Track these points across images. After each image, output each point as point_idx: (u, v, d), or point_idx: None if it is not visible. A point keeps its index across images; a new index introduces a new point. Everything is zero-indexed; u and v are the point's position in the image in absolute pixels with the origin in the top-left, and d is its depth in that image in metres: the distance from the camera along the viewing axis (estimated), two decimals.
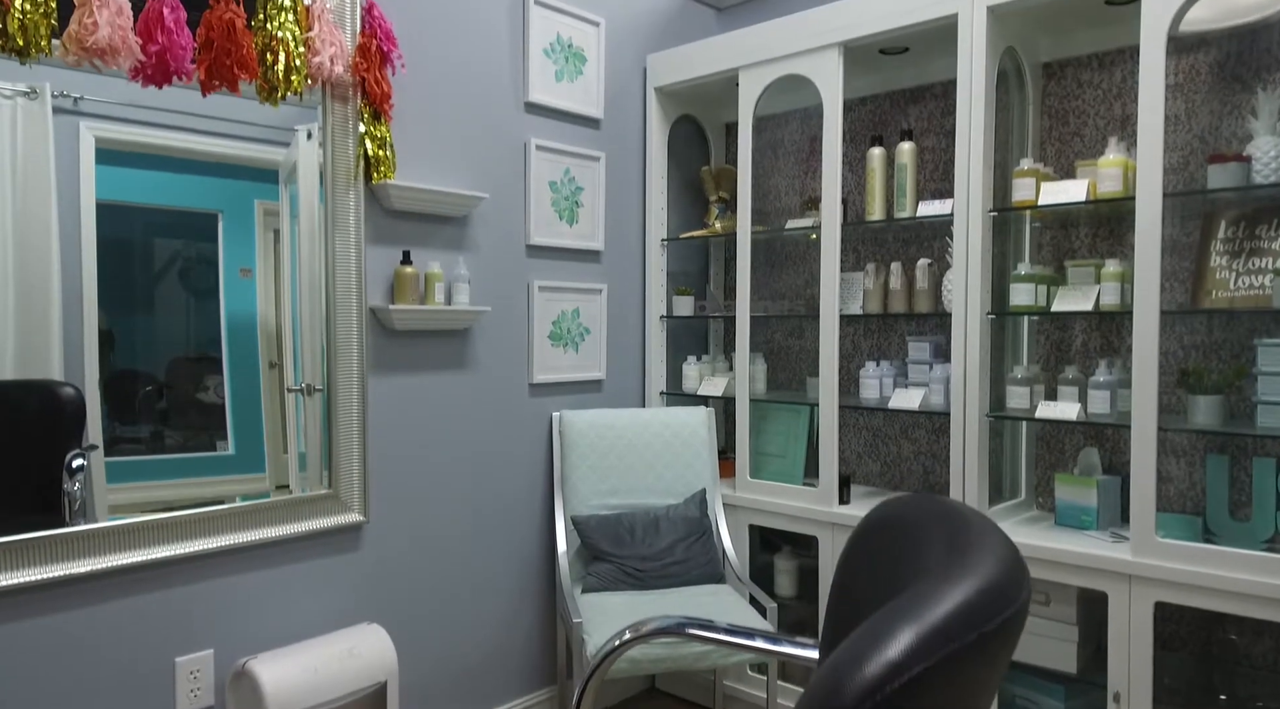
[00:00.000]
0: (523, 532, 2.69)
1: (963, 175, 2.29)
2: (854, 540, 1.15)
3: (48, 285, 2.18)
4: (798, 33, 2.60)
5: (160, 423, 2.79)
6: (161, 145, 2.03)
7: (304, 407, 2.70)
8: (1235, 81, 2.21)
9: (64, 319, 2.30)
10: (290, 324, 2.92)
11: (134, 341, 2.55)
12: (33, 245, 2.03)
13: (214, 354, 2.82)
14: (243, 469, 3.70)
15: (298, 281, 2.61)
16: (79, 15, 1.73)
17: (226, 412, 2.94)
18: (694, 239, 3.10)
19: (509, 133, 2.63)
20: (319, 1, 2.09)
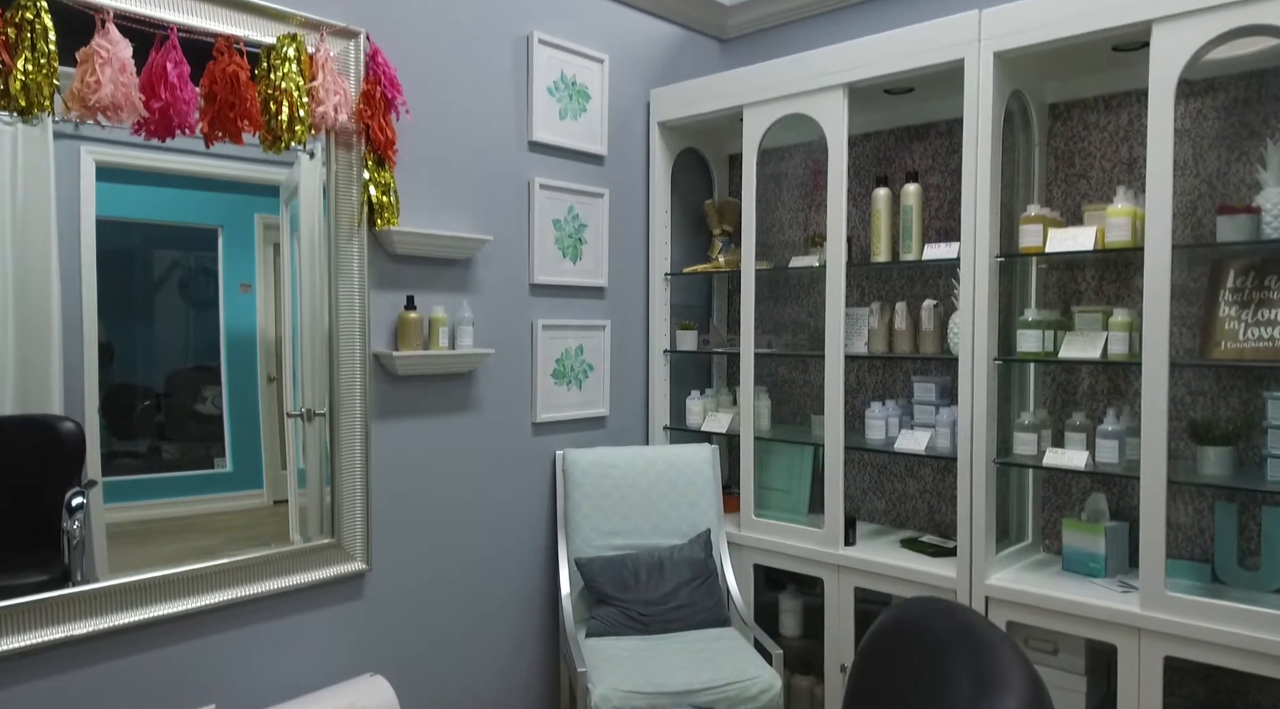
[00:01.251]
0: (526, 573, 2.68)
1: (969, 220, 2.27)
2: (870, 647, 1.13)
3: (47, 301, 2.15)
4: (802, 73, 2.59)
5: (158, 437, 2.78)
6: (163, 168, 2.02)
7: (303, 430, 2.68)
8: (1243, 127, 2.20)
9: (64, 333, 2.27)
10: (290, 341, 2.90)
11: (133, 354, 2.53)
12: (33, 264, 2.01)
13: (212, 365, 2.80)
14: (241, 486, 3.67)
15: (298, 303, 2.58)
16: (81, 73, 1.72)
17: (225, 425, 2.92)
18: (698, 274, 3.09)
19: (513, 172, 2.62)
20: (323, 50, 2.08)
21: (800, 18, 3.09)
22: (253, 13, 1.99)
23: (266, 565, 2.12)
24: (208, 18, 1.92)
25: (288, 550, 2.18)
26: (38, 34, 1.64)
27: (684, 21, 3.14)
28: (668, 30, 3.10)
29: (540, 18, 2.66)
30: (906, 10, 2.80)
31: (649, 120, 3.05)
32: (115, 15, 1.77)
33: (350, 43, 2.18)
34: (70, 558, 2.14)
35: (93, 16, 1.75)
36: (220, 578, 2.04)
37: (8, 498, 2.19)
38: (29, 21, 1.63)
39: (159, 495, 3.37)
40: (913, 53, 2.37)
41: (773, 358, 3.16)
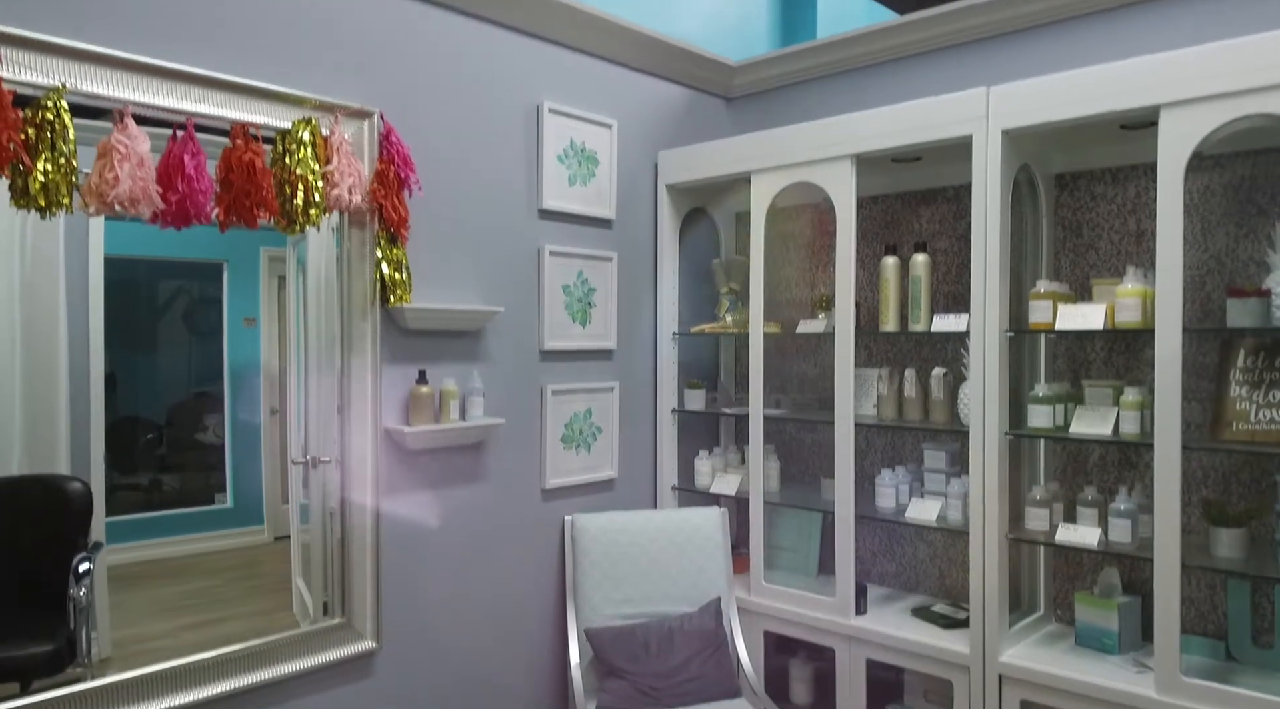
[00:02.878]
0: (535, 643, 2.66)
1: (979, 293, 2.28)
2: None
3: (55, 346, 2.16)
4: (810, 141, 2.61)
5: (159, 469, 2.77)
6: None
7: (309, 476, 2.67)
8: (1250, 204, 2.21)
9: (70, 376, 2.27)
10: (296, 381, 2.89)
11: (136, 386, 2.52)
12: (41, 306, 2.03)
13: (214, 392, 2.80)
14: (241, 522, 3.65)
15: (304, 370, 2.57)
16: (99, 168, 1.73)
17: (226, 457, 2.91)
18: (706, 333, 3.09)
19: (523, 241, 2.64)
20: (337, 133, 2.10)
21: (806, 79, 3.12)
22: (269, 98, 2.01)
23: (277, 651, 2.10)
24: (225, 106, 1.94)
25: (298, 634, 2.17)
26: (57, 134, 1.66)
27: (691, 82, 3.17)
28: (675, 92, 3.13)
29: (550, 88, 2.69)
30: (912, 75, 2.83)
31: (657, 181, 3.07)
32: (134, 108, 1.79)
33: (364, 122, 2.20)
34: (76, 625, 2.13)
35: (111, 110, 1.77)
36: (231, 666, 2.03)
37: (13, 562, 2.18)
38: (49, 122, 1.65)
39: (159, 534, 3.35)
40: (921, 127, 2.39)
41: (782, 418, 3.16)
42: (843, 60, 2.99)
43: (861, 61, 2.95)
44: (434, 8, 2.38)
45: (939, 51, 2.77)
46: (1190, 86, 1.93)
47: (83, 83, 1.74)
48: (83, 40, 1.74)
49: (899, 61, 2.87)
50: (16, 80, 1.65)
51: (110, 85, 1.77)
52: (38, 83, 1.68)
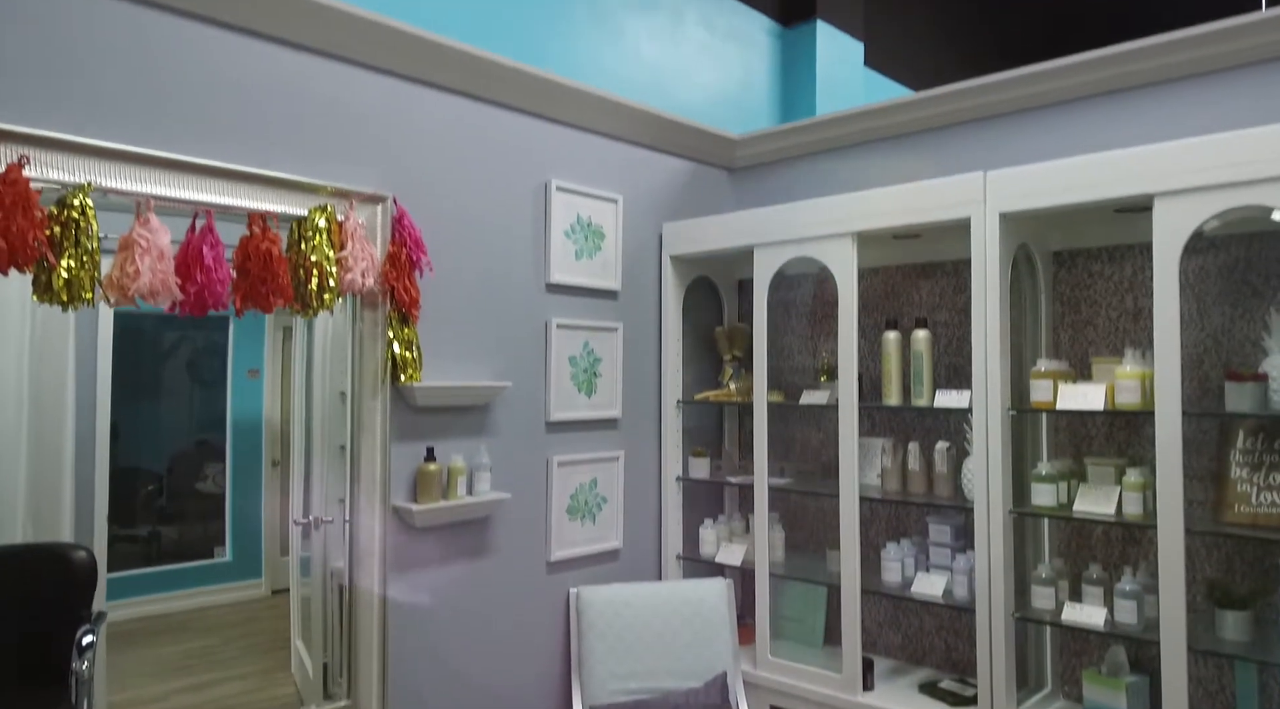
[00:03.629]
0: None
1: (980, 372, 2.31)
2: None
3: (62, 395, 2.18)
4: (812, 218, 2.67)
5: (159, 520, 2.76)
6: None
7: (312, 534, 2.67)
8: (1245, 285, 2.26)
9: (76, 424, 2.29)
10: (301, 439, 2.90)
11: (138, 435, 2.54)
12: (50, 361, 2.05)
13: (215, 441, 2.81)
14: (240, 576, 3.63)
15: (305, 402, 2.58)
16: (120, 262, 1.78)
17: (227, 507, 2.90)
18: (709, 403, 3.12)
19: (531, 315, 2.68)
20: (352, 219, 2.15)
21: (807, 153, 3.19)
22: (286, 187, 2.07)
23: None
24: (243, 196, 1.99)
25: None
26: (82, 231, 1.70)
27: (694, 155, 3.24)
28: (678, 165, 3.20)
29: (557, 166, 2.75)
30: (910, 152, 2.90)
31: (661, 252, 3.12)
32: (155, 201, 1.84)
33: (378, 207, 2.25)
34: (78, 700, 2.11)
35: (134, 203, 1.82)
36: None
37: (15, 634, 2.17)
38: (74, 220, 1.70)
39: (159, 590, 3.33)
40: (920, 208, 2.44)
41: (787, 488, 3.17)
42: (842, 136, 3.06)
43: (860, 138, 3.03)
44: (446, 93, 2.45)
45: (937, 130, 2.85)
46: (1182, 178, 1.99)
47: (106, 179, 1.79)
48: (107, 139, 1.80)
49: (898, 138, 2.94)
50: (43, 179, 1.70)
51: (133, 181, 1.83)
52: (63, 180, 1.73)
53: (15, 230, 1.60)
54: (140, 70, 1.88)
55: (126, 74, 1.86)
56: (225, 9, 1.99)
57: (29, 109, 1.72)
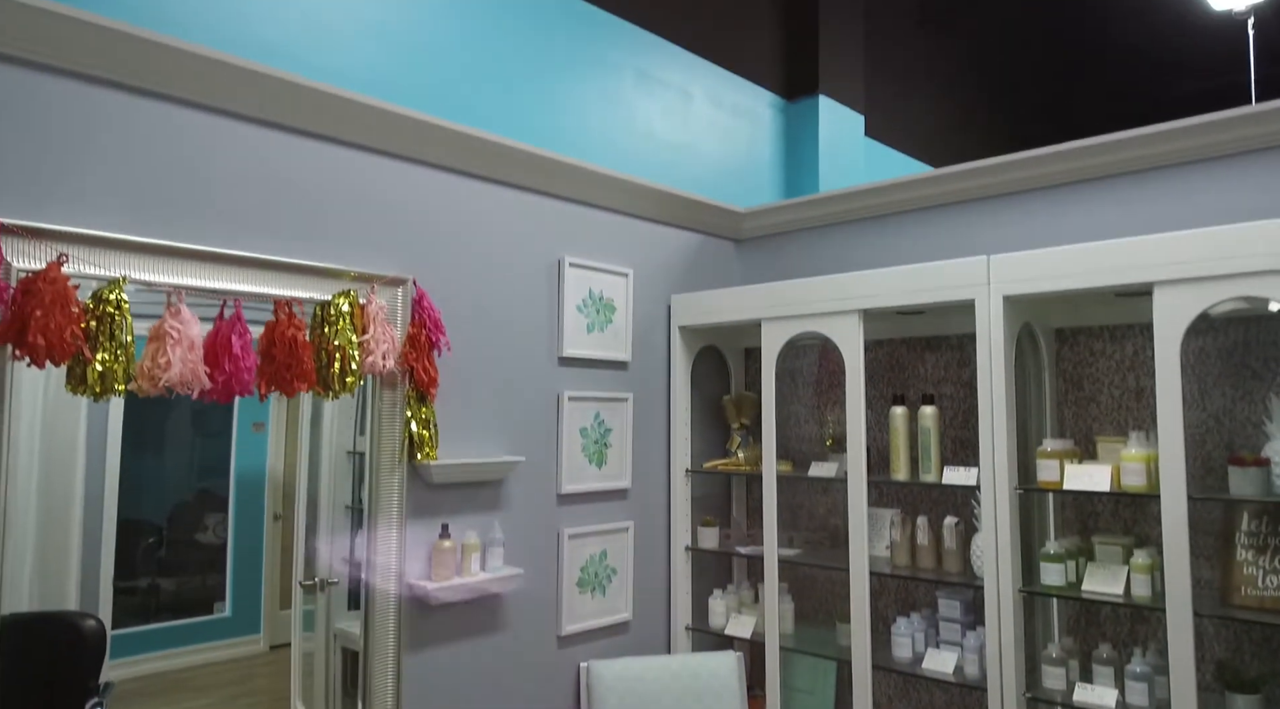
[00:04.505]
0: None
1: (987, 450, 2.36)
2: None
3: (73, 458, 2.19)
4: (819, 295, 2.73)
5: (158, 572, 2.75)
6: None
7: (317, 594, 2.66)
8: (1244, 368, 2.31)
9: (86, 477, 2.29)
10: (305, 485, 2.89)
11: (141, 487, 2.53)
12: (62, 429, 2.06)
13: (217, 492, 2.80)
14: (239, 631, 3.60)
15: (309, 459, 2.58)
16: (152, 353, 1.82)
17: (227, 560, 2.88)
18: (718, 473, 3.15)
19: (544, 388, 2.72)
20: (374, 303, 2.20)
21: (811, 226, 3.27)
22: (312, 274, 2.13)
23: None
24: (270, 284, 2.05)
25: None
26: (117, 325, 1.75)
27: (702, 228, 3.32)
28: (687, 237, 3.27)
29: (570, 243, 2.82)
30: (913, 228, 2.98)
31: (670, 323, 3.18)
32: (185, 291, 1.89)
33: (399, 289, 2.31)
34: None
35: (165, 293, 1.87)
36: None
37: (25, 703, 2.16)
38: (110, 315, 1.75)
39: (157, 648, 3.32)
40: (925, 289, 2.51)
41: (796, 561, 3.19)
42: (845, 212, 3.15)
43: (863, 214, 3.11)
44: (465, 177, 2.53)
45: (939, 208, 2.93)
46: (1181, 268, 2.06)
47: (140, 272, 1.84)
48: (140, 234, 1.86)
49: (901, 215, 3.03)
50: (80, 274, 1.75)
51: (165, 273, 1.88)
52: (99, 275, 1.78)
53: (54, 327, 1.65)
54: (171, 166, 1.95)
55: (158, 171, 1.93)
56: (252, 105, 2.07)
57: (66, 208, 1.78)
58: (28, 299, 1.64)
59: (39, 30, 1.73)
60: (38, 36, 1.74)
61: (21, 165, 1.74)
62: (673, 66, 3.47)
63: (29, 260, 1.70)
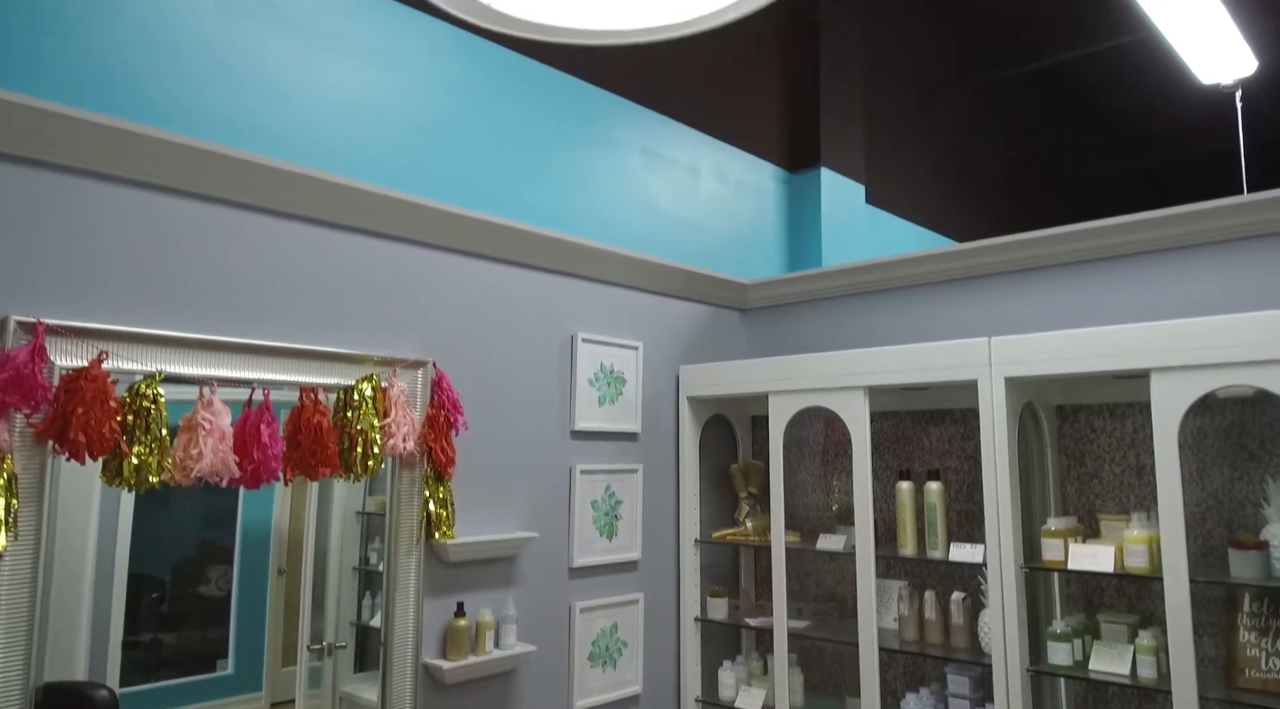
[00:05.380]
0: None
1: (993, 528, 2.40)
2: None
3: (87, 516, 2.21)
4: (825, 370, 2.80)
5: (160, 629, 2.75)
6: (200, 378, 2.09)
7: (324, 664, 2.66)
8: (1241, 449, 2.37)
9: (98, 541, 2.31)
10: (312, 543, 2.90)
11: (144, 542, 2.53)
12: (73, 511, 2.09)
13: (221, 543, 2.81)
14: (241, 689, 3.58)
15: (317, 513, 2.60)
16: (184, 444, 1.88)
17: (231, 614, 2.88)
18: (726, 543, 3.19)
19: (556, 462, 2.78)
20: (396, 387, 2.27)
21: (815, 299, 3.36)
22: (338, 360, 2.20)
23: None
24: (298, 372, 2.12)
25: None
26: (153, 418, 1.82)
27: (709, 300, 3.41)
28: (695, 309, 3.36)
29: (582, 319, 2.90)
30: (915, 302, 3.06)
31: (678, 393, 3.25)
32: (217, 381, 1.96)
33: (419, 371, 2.38)
34: None
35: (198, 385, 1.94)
36: None
37: None
38: (146, 409, 1.81)
39: (161, 707, 3.30)
40: (928, 368, 2.58)
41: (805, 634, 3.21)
42: (847, 285, 3.23)
43: (865, 288, 3.20)
44: (482, 260, 2.62)
45: (940, 284, 3.01)
46: (1178, 355, 2.13)
47: (175, 365, 1.91)
48: (175, 329, 1.94)
49: (903, 290, 3.11)
50: (117, 370, 1.82)
51: (198, 365, 1.95)
52: (136, 369, 1.85)
53: (93, 423, 1.71)
54: (202, 261, 2.03)
55: (190, 266, 2.01)
56: (279, 200, 2.16)
57: (105, 306, 1.86)
58: (70, 397, 1.70)
59: (77, 138, 1.83)
60: (77, 144, 1.83)
61: (63, 267, 1.82)
62: (679, 144, 3.59)
63: (71, 358, 1.77)
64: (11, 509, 1.63)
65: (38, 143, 1.78)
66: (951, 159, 5.30)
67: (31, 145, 1.77)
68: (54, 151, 1.81)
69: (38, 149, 1.78)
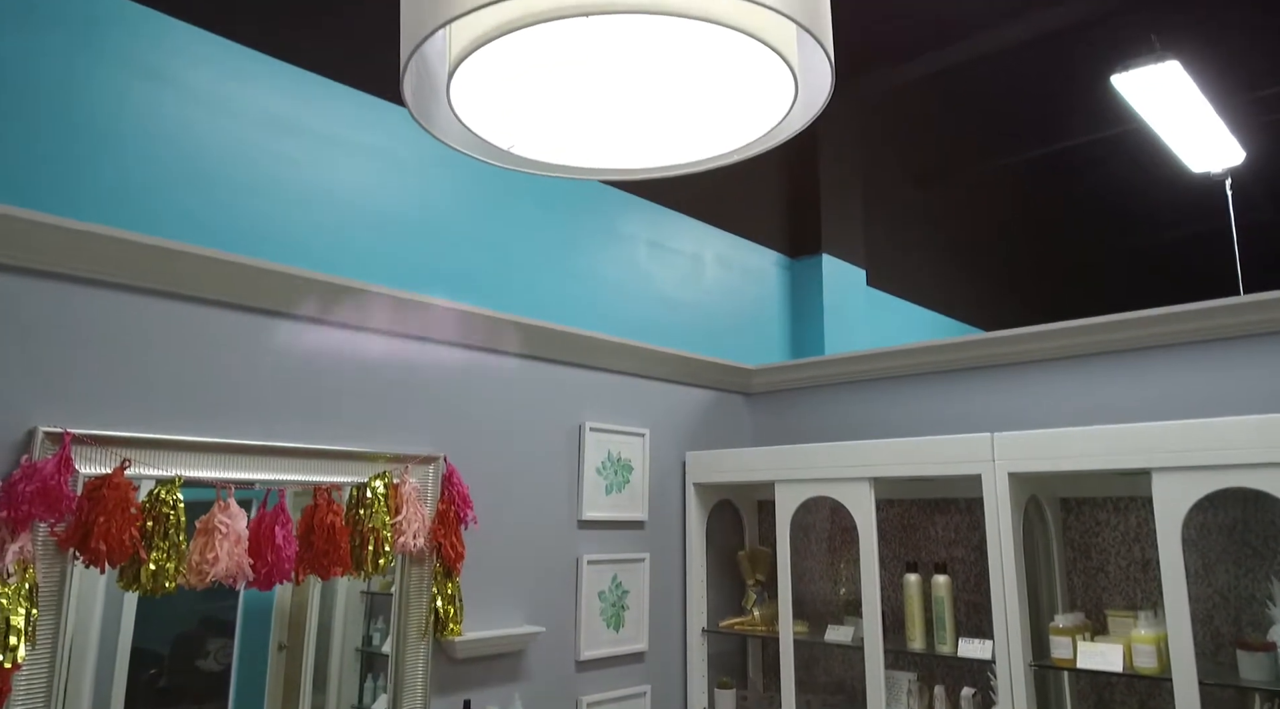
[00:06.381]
0: None
1: (1001, 625, 2.41)
2: None
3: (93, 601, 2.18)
4: (831, 461, 2.83)
5: (158, 704, 2.70)
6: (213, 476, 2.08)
7: None
8: (1245, 546, 2.39)
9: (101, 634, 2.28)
10: (314, 620, 2.87)
11: (146, 616, 2.50)
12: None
13: (221, 617, 2.77)
14: None
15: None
16: (200, 547, 1.91)
17: (230, 690, 2.83)
18: (734, 633, 3.18)
19: (563, 553, 2.79)
20: (408, 483, 2.31)
21: (817, 384, 3.41)
22: (352, 459, 2.24)
23: None
24: (313, 471, 2.16)
25: None
26: (171, 524, 1.85)
27: (714, 384, 3.46)
28: (700, 394, 3.41)
29: (590, 408, 2.95)
30: (917, 391, 3.11)
31: (685, 479, 3.27)
32: (236, 484, 2.00)
33: (430, 467, 2.41)
34: None
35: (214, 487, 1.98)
36: None
37: None
38: (165, 515, 1.85)
39: None
40: (933, 462, 2.61)
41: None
42: (849, 373, 3.29)
43: (867, 376, 3.25)
44: (495, 354, 2.68)
45: (942, 374, 3.07)
46: (1178, 456, 2.17)
47: (193, 470, 1.96)
48: (194, 434, 1.99)
49: (905, 379, 3.17)
50: (138, 476, 1.86)
51: (217, 468, 2.00)
52: (155, 475, 1.90)
53: (114, 531, 1.75)
54: (220, 367, 2.10)
55: (207, 372, 2.07)
56: (295, 304, 2.23)
57: (129, 414, 1.91)
58: (93, 506, 1.74)
59: (105, 254, 1.91)
60: (105, 259, 1.91)
61: (89, 377, 1.88)
62: (684, 235, 3.70)
63: (94, 465, 1.81)
64: (31, 619, 1.65)
65: (72, 260, 1.86)
66: (949, 242, 5.42)
67: (64, 262, 1.85)
68: (83, 266, 1.88)
69: (69, 265, 1.86)
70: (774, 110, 1.30)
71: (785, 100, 1.26)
